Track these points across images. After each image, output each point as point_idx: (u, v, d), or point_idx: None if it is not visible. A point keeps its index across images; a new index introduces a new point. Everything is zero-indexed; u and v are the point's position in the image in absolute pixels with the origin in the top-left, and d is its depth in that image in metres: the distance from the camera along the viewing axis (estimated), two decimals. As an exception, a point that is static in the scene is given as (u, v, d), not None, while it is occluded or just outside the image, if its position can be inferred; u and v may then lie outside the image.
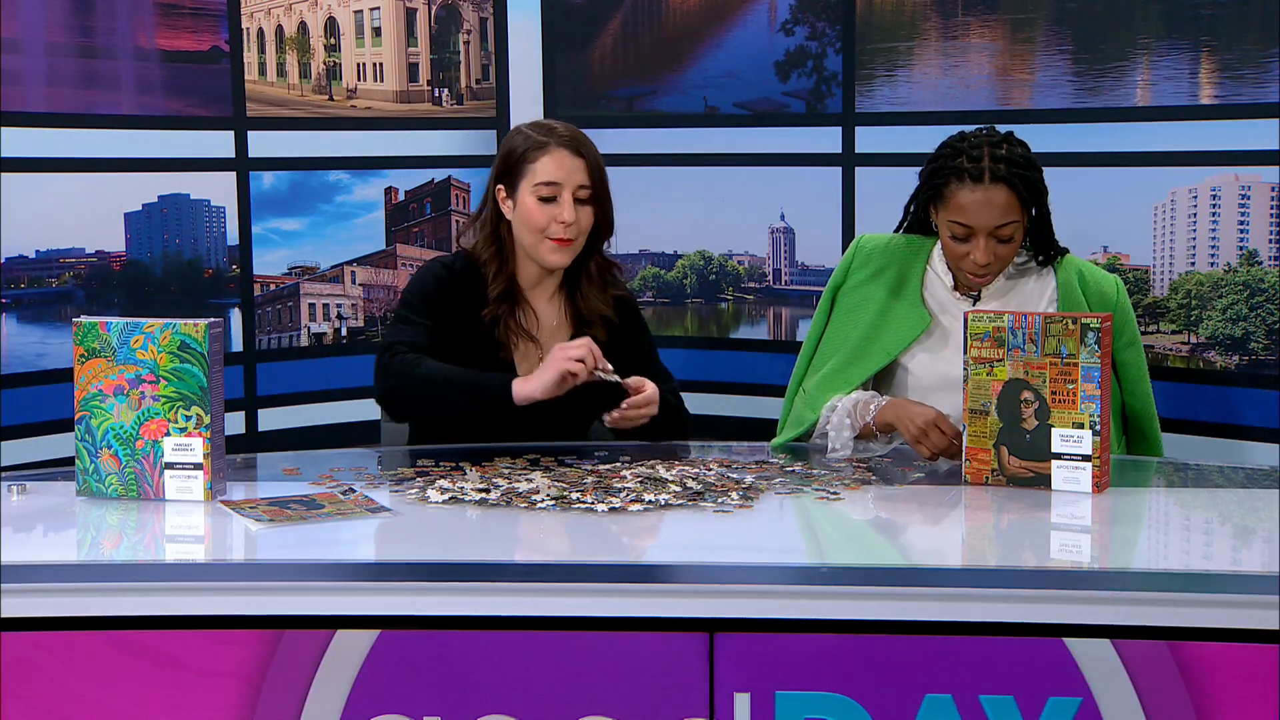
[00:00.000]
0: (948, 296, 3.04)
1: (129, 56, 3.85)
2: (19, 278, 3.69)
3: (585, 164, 2.98)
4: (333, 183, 4.19)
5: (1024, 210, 2.91)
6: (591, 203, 2.99)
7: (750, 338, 4.19)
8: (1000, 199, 2.88)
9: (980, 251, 2.90)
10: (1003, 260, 2.94)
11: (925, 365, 3.00)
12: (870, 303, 3.06)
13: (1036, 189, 2.92)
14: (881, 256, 3.09)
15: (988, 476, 2.57)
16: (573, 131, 3.02)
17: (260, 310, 4.09)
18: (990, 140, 2.92)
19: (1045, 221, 2.98)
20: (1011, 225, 2.90)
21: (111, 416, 2.48)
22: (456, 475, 2.63)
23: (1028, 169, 2.91)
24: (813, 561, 2.32)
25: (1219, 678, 1.96)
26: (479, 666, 2.02)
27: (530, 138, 3.00)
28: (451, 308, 3.00)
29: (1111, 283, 3.04)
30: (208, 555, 2.34)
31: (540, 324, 3.05)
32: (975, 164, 2.89)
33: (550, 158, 2.97)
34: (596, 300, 3.04)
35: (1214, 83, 3.51)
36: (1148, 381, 3.06)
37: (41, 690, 2.04)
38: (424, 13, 4.25)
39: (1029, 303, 3.01)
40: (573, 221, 2.96)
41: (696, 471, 2.63)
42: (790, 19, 4.03)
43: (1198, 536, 2.44)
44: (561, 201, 2.96)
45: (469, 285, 3.02)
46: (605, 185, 3.01)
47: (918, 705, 1.99)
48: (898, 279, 3.06)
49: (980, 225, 2.89)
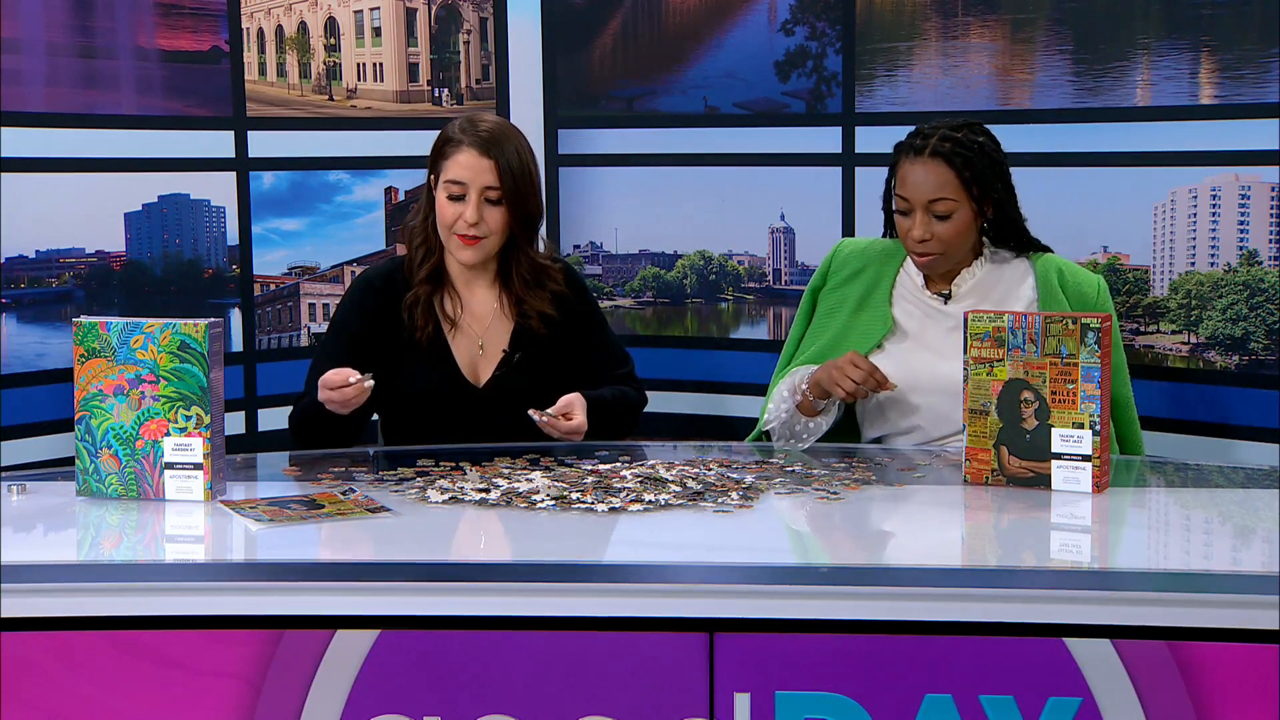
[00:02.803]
0: (920, 297, 3.05)
1: (129, 56, 3.84)
2: (19, 278, 3.69)
3: (494, 165, 2.97)
4: (333, 183, 4.19)
5: (965, 191, 2.93)
6: (502, 204, 2.99)
7: (750, 338, 4.19)
8: (936, 173, 2.93)
9: (917, 226, 2.94)
10: (943, 241, 2.95)
11: (893, 366, 3.02)
12: (844, 305, 3.11)
13: (983, 176, 2.94)
14: (859, 260, 3.14)
15: (988, 476, 2.57)
16: (495, 131, 3.01)
17: (260, 310, 4.09)
18: (952, 125, 2.99)
19: (1005, 214, 2.98)
20: (947, 202, 2.93)
21: (111, 416, 2.48)
22: (456, 475, 2.63)
23: (976, 154, 2.94)
24: (813, 561, 2.32)
25: (1219, 678, 1.96)
26: (479, 666, 2.02)
27: (452, 133, 3.03)
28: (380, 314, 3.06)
29: (1093, 283, 3.04)
30: (208, 555, 2.34)
31: (471, 312, 3.08)
32: (924, 140, 2.96)
33: (460, 156, 2.99)
34: (532, 299, 3.06)
35: (1214, 83, 3.51)
36: (1128, 385, 3.07)
37: (41, 690, 2.04)
38: (424, 13, 4.25)
39: (1005, 299, 3.01)
40: (476, 222, 2.97)
41: (696, 471, 2.63)
42: (790, 19, 4.03)
43: (1198, 536, 2.44)
44: (467, 201, 2.97)
45: (399, 286, 3.08)
46: (523, 187, 2.99)
47: (918, 705, 1.99)
48: (872, 282, 3.10)
49: (915, 198, 2.94)
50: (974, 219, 2.97)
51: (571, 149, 4.29)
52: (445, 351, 3.05)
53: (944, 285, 3.05)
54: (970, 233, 2.98)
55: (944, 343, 3.01)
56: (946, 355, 2.98)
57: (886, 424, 3.06)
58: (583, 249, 4.34)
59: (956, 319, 3.00)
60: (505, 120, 3.13)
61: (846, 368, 2.89)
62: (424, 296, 3.05)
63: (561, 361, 3.09)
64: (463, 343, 3.07)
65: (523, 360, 3.06)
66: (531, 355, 3.07)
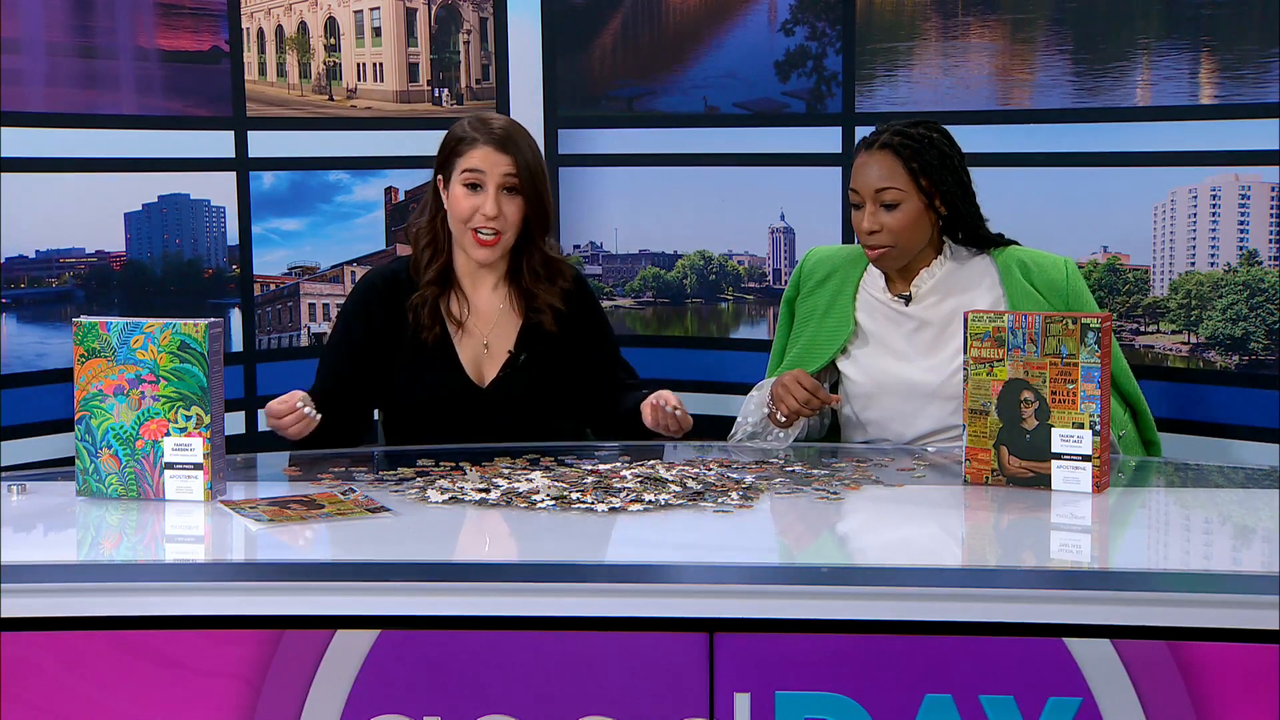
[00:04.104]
0: (882, 300, 3.05)
1: (129, 56, 3.84)
2: (19, 278, 3.69)
3: (512, 160, 2.98)
4: (333, 183, 4.19)
5: (913, 182, 2.95)
6: (519, 195, 2.99)
7: (750, 338, 4.19)
8: (883, 163, 2.96)
9: (866, 217, 2.96)
10: (892, 232, 2.96)
11: (858, 370, 3.04)
12: (814, 312, 3.11)
13: (930, 167, 2.94)
14: (826, 266, 3.16)
15: (988, 476, 2.57)
16: (508, 130, 3.03)
17: (260, 310, 4.09)
18: (907, 123, 3.01)
19: (958, 209, 2.98)
20: (893, 191, 2.94)
21: (111, 416, 2.48)
22: (456, 475, 2.63)
23: (924, 146, 2.95)
24: (813, 561, 2.32)
25: (1219, 678, 1.96)
26: (479, 666, 2.03)
27: (464, 131, 3.03)
28: (384, 316, 3.06)
29: (1060, 266, 3.03)
30: (208, 555, 2.34)
31: (477, 312, 3.07)
32: (875, 135, 3.00)
33: (475, 152, 2.99)
34: (544, 293, 3.06)
35: (1214, 83, 3.51)
36: (1133, 380, 3.06)
37: (41, 690, 2.04)
38: (424, 13, 4.25)
39: (967, 297, 3.00)
40: (495, 214, 2.97)
41: (696, 471, 2.63)
42: (790, 19, 4.03)
43: (1198, 536, 2.44)
44: (485, 192, 2.97)
45: (403, 287, 3.08)
46: (538, 183, 3.01)
47: (918, 705, 1.99)
48: (838, 287, 3.11)
49: (863, 187, 2.97)
50: (924, 211, 2.97)
51: (571, 149, 4.29)
52: (450, 352, 3.05)
53: (905, 286, 3.05)
54: (920, 226, 2.97)
55: (906, 346, 3.02)
56: (908, 358, 3.00)
57: (861, 429, 3.07)
58: (583, 249, 4.34)
59: (919, 321, 3.01)
60: (514, 120, 3.13)
61: (791, 386, 2.91)
62: (431, 298, 3.05)
63: (567, 365, 3.09)
64: (468, 343, 3.07)
65: (528, 361, 3.06)
66: (537, 355, 3.07)
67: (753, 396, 3.07)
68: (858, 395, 3.05)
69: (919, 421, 2.99)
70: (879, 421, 3.04)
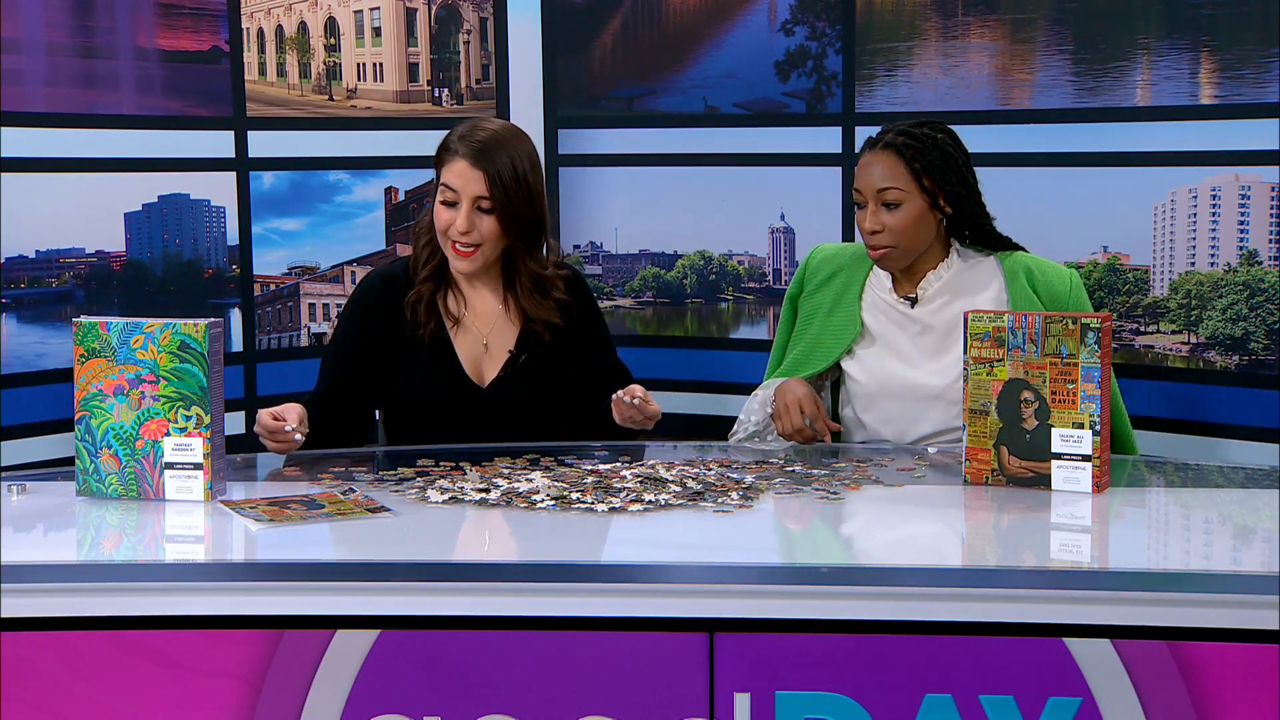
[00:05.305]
0: (888, 301, 3.05)
1: (129, 56, 3.84)
2: (19, 278, 3.69)
3: (485, 176, 2.93)
4: (333, 183, 4.19)
5: (915, 182, 2.94)
6: (494, 214, 2.96)
7: (750, 338, 4.19)
8: (885, 163, 2.95)
9: (868, 217, 2.95)
10: (894, 232, 2.95)
11: (862, 371, 3.04)
12: (819, 310, 3.11)
13: (933, 167, 2.94)
14: (831, 265, 3.15)
15: (988, 476, 2.57)
16: (490, 140, 2.96)
17: (260, 310, 4.09)
18: (916, 123, 3.00)
19: (964, 210, 2.98)
20: (895, 191, 2.94)
21: (111, 416, 2.48)
22: (456, 475, 2.63)
23: (927, 146, 2.94)
24: (813, 561, 2.32)
25: (1219, 678, 1.96)
26: (479, 666, 2.03)
27: (450, 141, 3.00)
28: (382, 315, 3.05)
29: (1065, 278, 3.03)
30: (208, 555, 2.34)
31: (475, 312, 3.07)
32: (879, 136, 2.99)
33: (453, 165, 2.96)
34: (535, 309, 3.05)
35: (1214, 83, 3.51)
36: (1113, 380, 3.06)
37: (41, 690, 2.04)
38: (424, 13, 4.25)
39: (972, 301, 2.99)
40: (467, 230, 2.95)
41: (696, 471, 2.63)
42: (790, 19, 4.03)
43: (1198, 536, 2.44)
44: (459, 210, 2.96)
45: (401, 286, 3.07)
46: (516, 198, 2.95)
47: (918, 705, 1.99)
48: (843, 286, 3.10)
49: (865, 187, 2.97)
50: (926, 212, 2.96)
51: (571, 149, 4.29)
52: (448, 350, 3.04)
53: (911, 287, 3.04)
54: (922, 227, 2.97)
55: (911, 348, 3.01)
56: (913, 361, 3.00)
57: (864, 430, 3.07)
58: (583, 249, 4.34)
59: (924, 324, 3.00)
60: (510, 126, 3.07)
61: (793, 410, 2.89)
62: (427, 294, 3.04)
63: (567, 367, 3.09)
64: (466, 342, 3.06)
65: (528, 362, 3.06)
66: (537, 357, 3.06)
67: (757, 395, 3.07)
68: (860, 396, 3.05)
69: (921, 423, 2.99)
70: (881, 422, 3.04)
